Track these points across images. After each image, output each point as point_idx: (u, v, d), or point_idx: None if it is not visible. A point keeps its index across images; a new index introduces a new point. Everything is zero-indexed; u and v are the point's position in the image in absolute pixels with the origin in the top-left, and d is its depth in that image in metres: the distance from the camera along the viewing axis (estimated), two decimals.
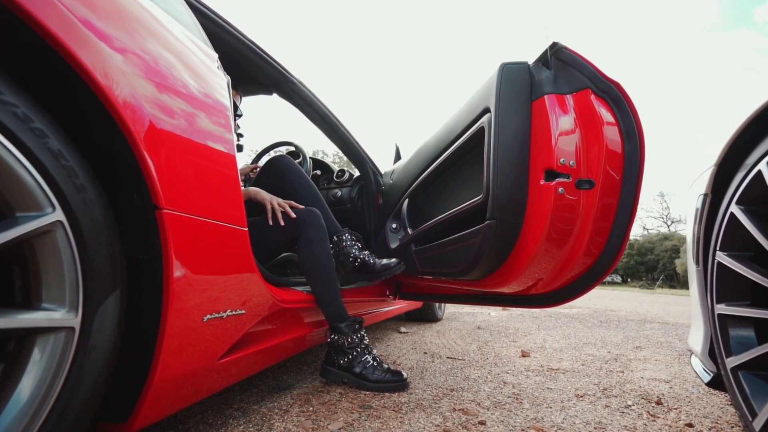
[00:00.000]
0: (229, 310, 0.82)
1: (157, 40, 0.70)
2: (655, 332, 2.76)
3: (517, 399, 1.18)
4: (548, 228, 0.96)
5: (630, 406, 1.14)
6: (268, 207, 1.24)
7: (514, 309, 3.89)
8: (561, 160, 0.94)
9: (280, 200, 1.28)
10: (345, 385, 1.26)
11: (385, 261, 1.37)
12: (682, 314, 4.36)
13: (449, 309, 3.73)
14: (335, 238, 1.36)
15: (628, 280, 27.50)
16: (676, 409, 1.12)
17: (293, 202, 1.30)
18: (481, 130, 1.07)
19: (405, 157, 1.80)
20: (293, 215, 1.23)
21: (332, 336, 1.23)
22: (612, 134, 0.94)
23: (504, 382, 1.36)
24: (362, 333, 1.25)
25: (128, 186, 0.67)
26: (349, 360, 1.22)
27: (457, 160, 1.26)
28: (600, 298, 6.80)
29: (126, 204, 0.68)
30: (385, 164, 2.12)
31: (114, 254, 0.59)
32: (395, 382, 1.22)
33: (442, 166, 1.32)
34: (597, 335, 2.52)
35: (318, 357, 1.70)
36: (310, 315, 1.33)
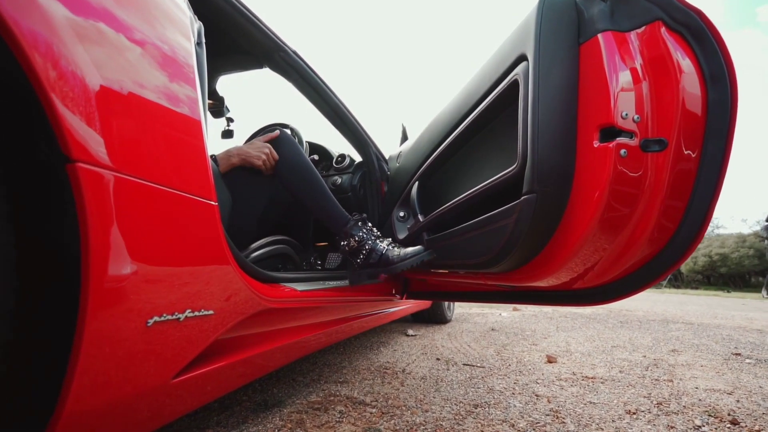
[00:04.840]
0: (188, 311, 0.61)
1: None
2: (684, 333, 2.53)
3: (557, 417, 0.97)
4: (605, 202, 0.74)
5: (700, 426, 0.92)
6: (262, 165, 1.13)
7: (525, 309, 3.67)
8: (623, 113, 0.72)
9: (266, 145, 1.16)
10: (371, 281, 1.20)
11: (409, 249, 1.14)
12: (703, 314, 4.13)
13: (456, 309, 3.51)
14: (345, 230, 1.18)
15: None
16: (760, 431, 0.90)
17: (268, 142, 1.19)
18: (515, 83, 0.86)
19: (413, 138, 1.59)
20: (276, 156, 1.16)
21: (343, 243, 1.17)
22: (690, 79, 0.72)
23: (536, 395, 1.14)
24: (369, 225, 1.21)
25: (31, 133, 0.47)
26: (366, 253, 1.15)
27: (483, 126, 1.05)
28: None
29: (35, 160, 0.48)
30: (390, 152, 1.92)
31: None
32: (418, 254, 1.11)
33: (463, 137, 1.11)
34: (623, 337, 2.30)
35: (316, 365, 1.48)
36: (307, 316, 1.12)
